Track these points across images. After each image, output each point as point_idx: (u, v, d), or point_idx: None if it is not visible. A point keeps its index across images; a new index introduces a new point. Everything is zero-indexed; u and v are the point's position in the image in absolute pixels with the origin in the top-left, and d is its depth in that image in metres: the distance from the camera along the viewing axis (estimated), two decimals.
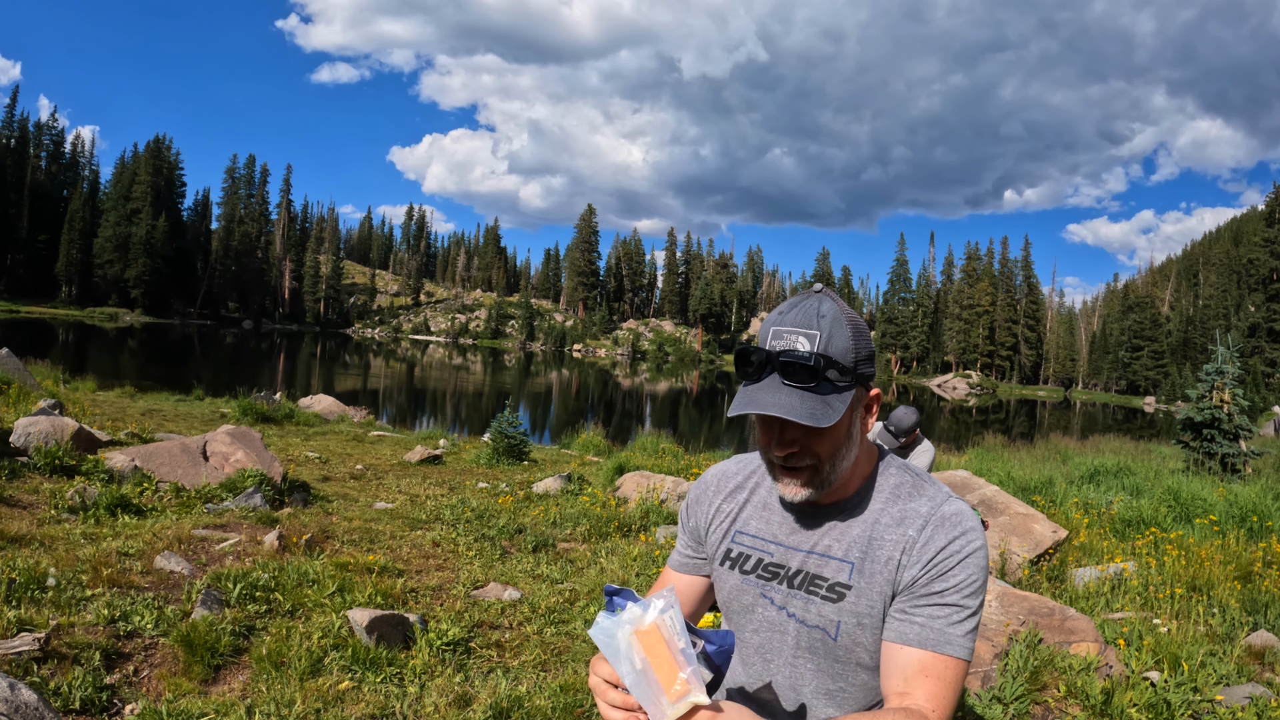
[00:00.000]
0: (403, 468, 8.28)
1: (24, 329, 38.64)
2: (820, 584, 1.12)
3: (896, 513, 1.11)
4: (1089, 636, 3.63)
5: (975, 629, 1.06)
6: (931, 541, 1.06)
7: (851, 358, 1.05)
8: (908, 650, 1.04)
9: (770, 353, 1.06)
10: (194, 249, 74.91)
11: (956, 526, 1.07)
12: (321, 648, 2.99)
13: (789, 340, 1.05)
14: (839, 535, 1.13)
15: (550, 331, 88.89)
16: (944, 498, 1.11)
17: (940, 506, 1.09)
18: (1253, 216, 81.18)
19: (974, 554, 1.06)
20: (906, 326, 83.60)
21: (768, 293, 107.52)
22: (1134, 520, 7.07)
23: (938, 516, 1.08)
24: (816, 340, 1.03)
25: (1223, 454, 10.92)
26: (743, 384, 1.09)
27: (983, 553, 1.07)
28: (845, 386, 1.05)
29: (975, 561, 1.06)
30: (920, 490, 1.13)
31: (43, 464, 5.15)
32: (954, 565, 1.05)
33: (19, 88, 77.07)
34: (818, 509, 1.15)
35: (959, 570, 1.05)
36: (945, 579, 1.04)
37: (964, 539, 1.06)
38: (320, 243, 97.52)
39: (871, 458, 1.17)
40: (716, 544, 1.25)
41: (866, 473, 1.16)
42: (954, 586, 1.04)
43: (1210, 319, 67.81)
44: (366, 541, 4.70)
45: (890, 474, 1.16)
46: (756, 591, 1.18)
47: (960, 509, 1.09)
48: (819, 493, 1.09)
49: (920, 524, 1.08)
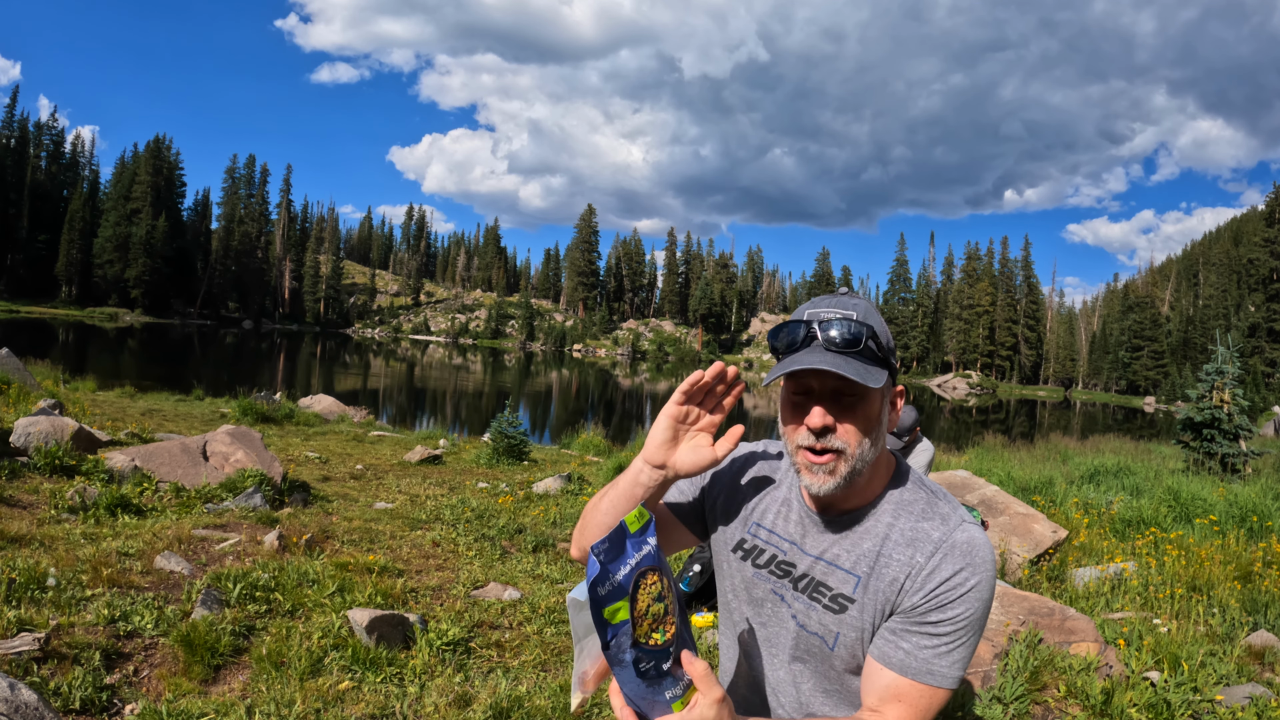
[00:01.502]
0: (403, 468, 8.28)
1: (24, 329, 38.63)
2: (824, 592, 1.11)
3: (909, 531, 1.08)
4: (1089, 636, 3.63)
5: (965, 660, 1.03)
6: (938, 571, 1.04)
7: (886, 341, 1.05)
8: (887, 672, 1.03)
9: (809, 322, 1.04)
10: (194, 249, 74.91)
11: (966, 557, 1.04)
12: (321, 648, 2.99)
13: (828, 315, 1.04)
14: (850, 546, 1.11)
15: (550, 331, 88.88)
16: (957, 523, 1.08)
17: (953, 533, 1.06)
18: (1253, 216, 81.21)
19: (977, 587, 1.03)
20: (906, 326, 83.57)
21: (768, 293, 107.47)
22: (1134, 520, 7.07)
23: (949, 544, 1.05)
24: (855, 316, 1.03)
25: (1223, 454, 10.92)
26: (780, 359, 1.07)
27: (987, 586, 1.04)
28: (881, 364, 1.04)
29: (978, 595, 1.03)
30: (934, 509, 1.10)
31: (43, 464, 5.15)
32: (956, 598, 1.03)
33: (19, 88, 77.09)
34: (834, 514, 1.13)
35: (959, 604, 1.02)
36: (944, 610, 1.03)
37: (969, 571, 1.03)
38: (320, 243, 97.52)
39: (890, 467, 1.15)
40: (728, 529, 1.23)
41: (885, 481, 1.13)
42: (951, 619, 1.02)
43: (1210, 319, 67.82)
44: (366, 541, 4.70)
45: (907, 488, 1.13)
46: (768, 587, 1.17)
47: (972, 538, 1.06)
48: (845, 486, 1.06)
49: (930, 550, 1.05)
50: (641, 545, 0.91)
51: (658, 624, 0.89)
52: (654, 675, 0.89)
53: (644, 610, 0.88)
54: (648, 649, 0.88)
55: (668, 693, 0.89)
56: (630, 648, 0.87)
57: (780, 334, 1.06)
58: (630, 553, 0.91)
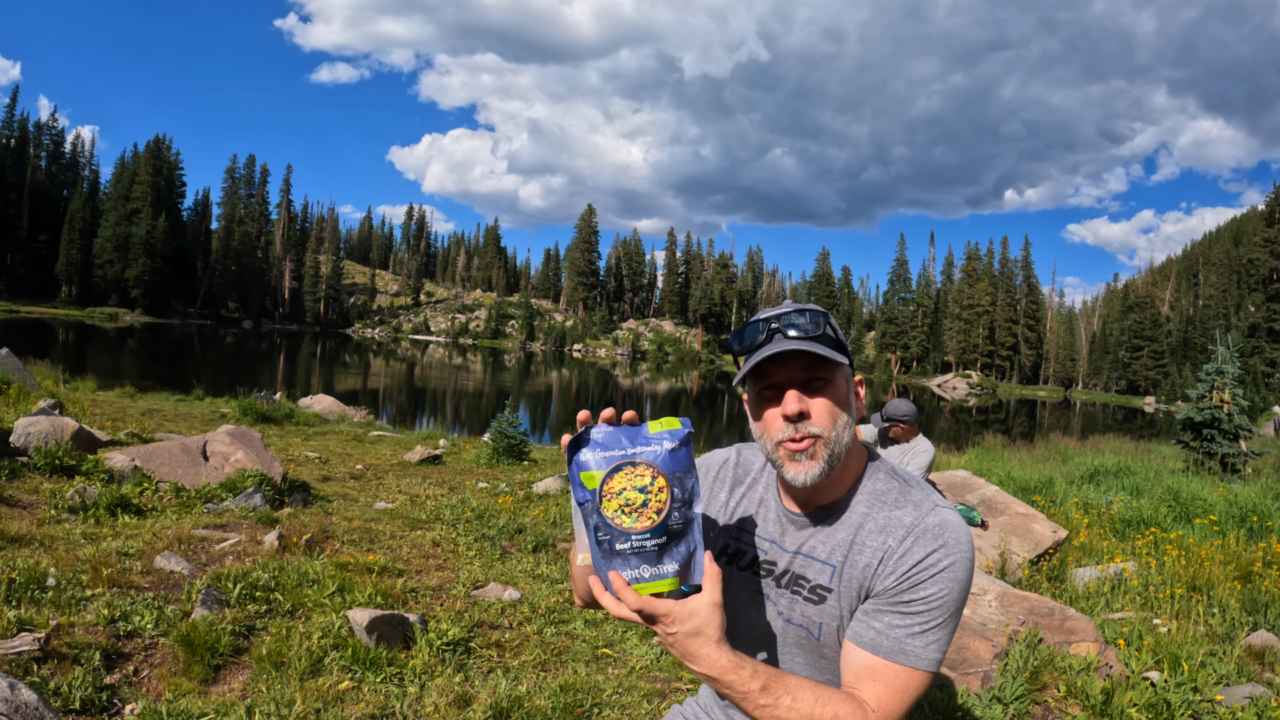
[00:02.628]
0: (403, 468, 8.28)
1: (24, 329, 38.64)
2: (803, 584, 1.14)
3: (881, 519, 1.10)
4: (1089, 636, 3.63)
5: (942, 642, 1.04)
6: (910, 553, 1.05)
7: (840, 331, 1.13)
8: (860, 651, 1.05)
9: (767, 320, 1.11)
10: (194, 249, 74.92)
11: (938, 539, 1.05)
12: (321, 648, 2.98)
13: (784, 311, 1.11)
14: (825, 538, 1.13)
15: (550, 331, 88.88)
16: (930, 507, 1.09)
17: (925, 517, 1.07)
18: (1253, 216, 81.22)
19: (951, 567, 1.03)
20: (906, 326, 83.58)
21: (768, 293, 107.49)
22: (1134, 520, 7.07)
23: (920, 528, 1.06)
24: (809, 309, 1.11)
25: (1223, 454, 10.92)
26: (744, 361, 1.12)
27: (963, 566, 1.04)
28: (841, 349, 1.11)
29: (952, 575, 1.03)
30: (907, 496, 1.11)
31: (43, 464, 5.15)
32: (928, 578, 1.03)
33: (19, 88, 77.36)
34: (811, 510, 1.16)
35: (932, 584, 1.03)
36: (916, 590, 1.03)
37: (943, 551, 1.04)
38: (320, 243, 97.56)
39: (861, 459, 1.17)
40: (712, 537, 1.26)
41: (857, 474, 1.16)
42: (923, 598, 1.03)
43: (1210, 319, 67.82)
44: (366, 541, 4.70)
45: (879, 478, 1.15)
46: (752, 588, 1.20)
47: (945, 519, 1.07)
48: (827, 471, 1.08)
49: (902, 534, 1.07)
50: (653, 442, 0.99)
51: (630, 510, 0.96)
52: (608, 549, 0.97)
53: (616, 490, 0.97)
54: (610, 524, 0.96)
55: (628, 572, 0.97)
56: (595, 512, 0.97)
57: (742, 336, 1.11)
58: (630, 444, 0.99)
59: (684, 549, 0.98)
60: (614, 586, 0.95)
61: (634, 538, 0.96)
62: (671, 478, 0.97)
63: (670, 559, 0.97)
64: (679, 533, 0.97)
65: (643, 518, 0.96)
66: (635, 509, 0.96)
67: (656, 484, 0.97)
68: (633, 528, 0.96)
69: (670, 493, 0.97)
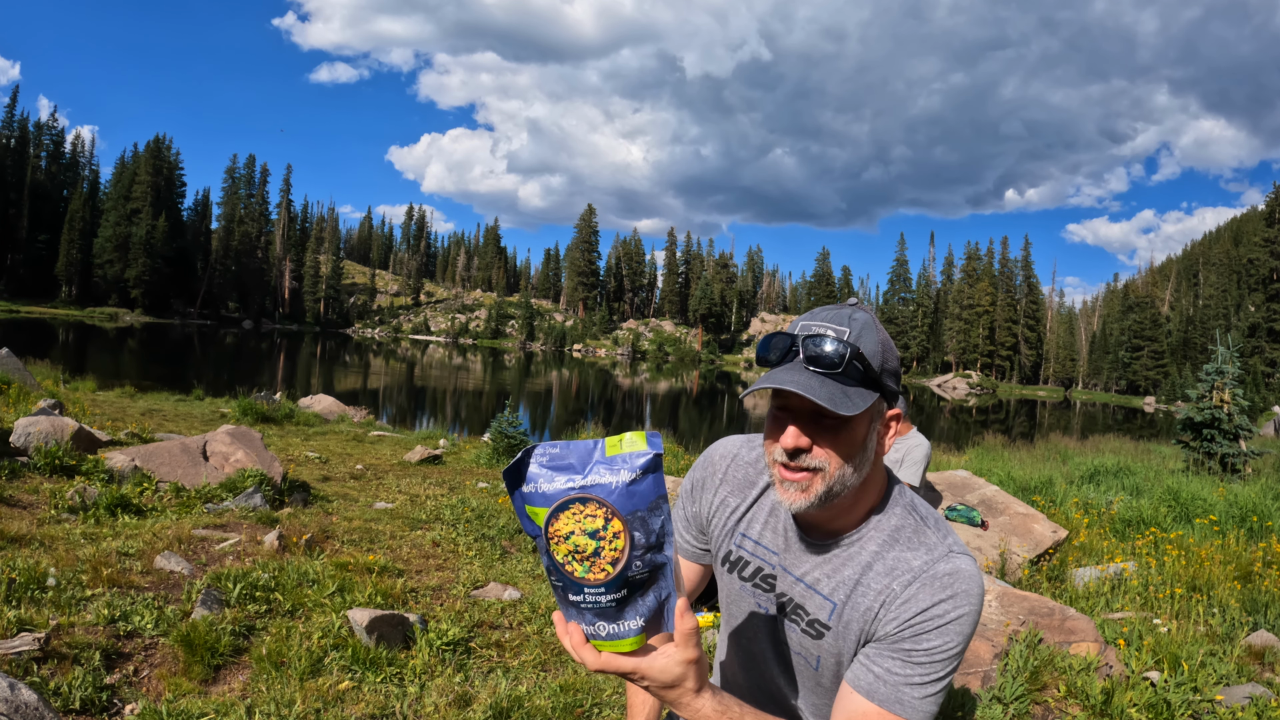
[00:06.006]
0: (403, 468, 8.28)
1: (24, 329, 38.63)
2: (802, 615, 1.10)
3: (891, 560, 1.04)
4: (1089, 636, 3.63)
5: (938, 694, 1.00)
6: (914, 601, 1.00)
7: (878, 362, 1.00)
8: (856, 696, 1.01)
9: (795, 336, 1.01)
10: (194, 249, 74.90)
11: (946, 588, 1.00)
12: (321, 648, 2.99)
13: (817, 330, 1.01)
14: (831, 571, 1.08)
15: (550, 331, 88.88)
16: (943, 552, 1.03)
17: (935, 563, 1.02)
18: (1253, 216, 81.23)
19: (957, 620, 0.99)
20: (906, 326, 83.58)
21: (768, 293, 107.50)
22: (1134, 520, 7.07)
23: (929, 574, 1.01)
24: (846, 335, 0.99)
25: (1223, 454, 10.92)
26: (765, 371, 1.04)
27: (970, 620, 1.00)
28: (868, 386, 1.00)
29: (956, 628, 0.99)
30: (921, 538, 1.05)
31: (43, 464, 5.15)
32: (932, 629, 0.99)
33: (19, 88, 77.15)
34: (818, 535, 1.10)
35: (935, 635, 0.99)
36: (919, 640, 0.99)
37: (950, 603, 0.99)
38: (320, 243, 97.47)
39: (879, 490, 1.10)
40: (718, 541, 1.22)
41: (873, 504, 1.09)
42: (926, 650, 0.99)
43: (1210, 319, 67.83)
44: (366, 541, 4.70)
45: (895, 513, 1.08)
46: (754, 602, 1.17)
47: (956, 568, 1.01)
48: (819, 506, 1.01)
49: (908, 579, 1.01)
50: (609, 469, 0.80)
51: (580, 558, 0.80)
52: (563, 598, 0.83)
53: (564, 533, 0.80)
54: (562, 570, 0.81)
55: (586, 627, 0.83)
56: (545, 553, 0.82)
57: (770, 345, 1.03)
58: (581, 471, 0.81)
59: (650, 600, 0.82)
60: (571, 642, 0.84)
61: (587, 591, 0.80)
62: (630, 519, 0.79)
63: (633, 614, 0.82)
64: (642, 583, 0.81)
65: (595, 569, 0.79)
66: (587, 557, 0.79)
67: (611, 528, 0.79)
68: (585, 578, 0.80)
69: (629, 538, 0.79)
